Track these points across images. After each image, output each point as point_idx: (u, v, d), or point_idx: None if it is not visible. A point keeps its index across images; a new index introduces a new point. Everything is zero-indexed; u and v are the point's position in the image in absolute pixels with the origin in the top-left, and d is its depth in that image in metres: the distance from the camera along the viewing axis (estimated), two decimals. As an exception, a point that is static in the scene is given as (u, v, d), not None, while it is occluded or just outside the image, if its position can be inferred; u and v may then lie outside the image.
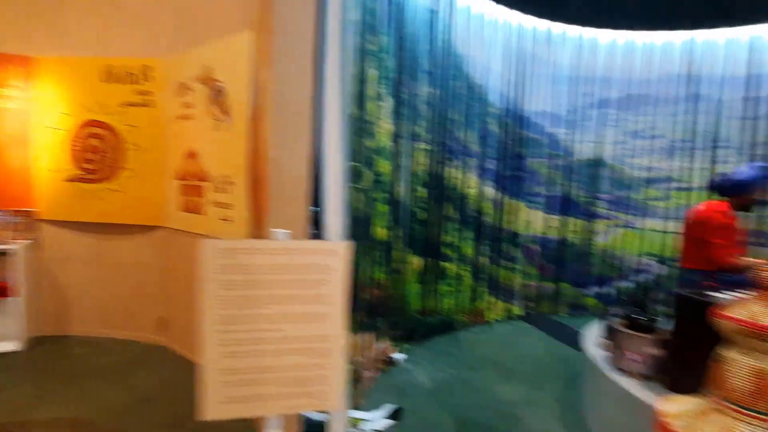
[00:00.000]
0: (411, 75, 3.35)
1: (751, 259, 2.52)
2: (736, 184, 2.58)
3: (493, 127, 4.26)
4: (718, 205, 2.64)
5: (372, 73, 2.77)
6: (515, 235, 4.47)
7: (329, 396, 1.31)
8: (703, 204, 2.72)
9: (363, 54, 2.72)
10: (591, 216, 4.68)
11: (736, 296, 1.60)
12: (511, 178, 4.42)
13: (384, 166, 3.01)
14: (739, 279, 2.32)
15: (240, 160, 2.38)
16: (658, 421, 1.38)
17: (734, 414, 1.26)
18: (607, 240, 4.69)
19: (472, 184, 4.08)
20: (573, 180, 4.66)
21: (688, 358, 1.90)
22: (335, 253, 1.32)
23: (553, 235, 4.66)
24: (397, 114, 3.18)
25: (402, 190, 3.42)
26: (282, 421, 1.32)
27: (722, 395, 1.29)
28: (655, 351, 2.15)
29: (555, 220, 4.65)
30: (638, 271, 4.59)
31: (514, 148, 4.43)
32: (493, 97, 4.26)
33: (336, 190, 1.58)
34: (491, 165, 4.25)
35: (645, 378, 2.16)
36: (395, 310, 3.45)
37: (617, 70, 4.60)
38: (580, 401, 2.69)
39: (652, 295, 2.57)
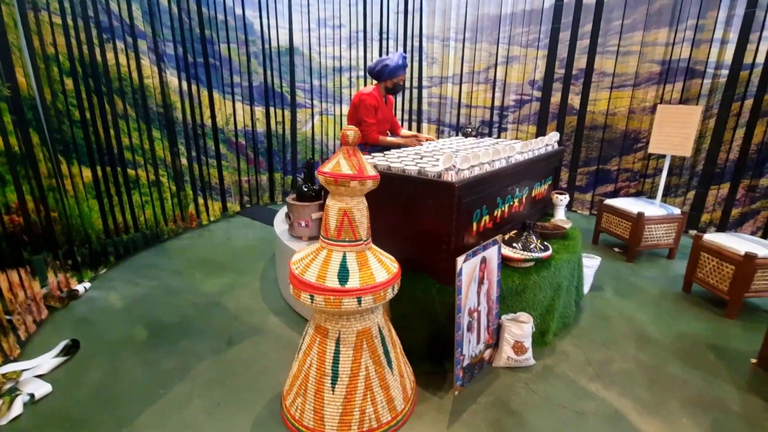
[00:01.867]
0: None
1: (387, 138, 3.14)
2: (381, 70, 3.02)
3: (164, 1, 3.56)
4: (369, 88, 3.08)
5: None
6: (217, 130, 4.21)
7: None
8: (358, 91, 3.12)
9: None
10: (292, 105, 4.84)
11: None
12: (200, 65, 3.97)
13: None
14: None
15: None
16: (290, 268, 1.59)
17: (330, 246, 1.55)
18: (309, 128, 5.04)
19: (148, 72, 3.44)
20: (271, 68, 4.60)
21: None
22: None
23: (258, 127, 4.64)
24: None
25: (30, 81, 2.54)
26: None
27: (324, 234, 1.57)
28: (318, 215, 2.49)
29: (258, 111, 4.60)
30: (338, 153, 5.25)
31: (198, 30, 3.91)
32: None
33: None
34: (170, 49, 3.65)
35: (312, 239, 2.51)
36: (67, 235, 2.80)
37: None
38: (276, 274, 2.99)
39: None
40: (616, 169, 4.55)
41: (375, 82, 3.11)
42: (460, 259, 1.73)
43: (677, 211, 3.41)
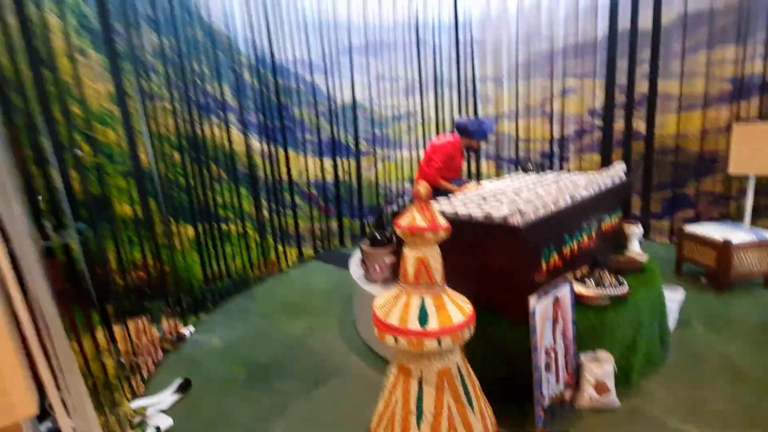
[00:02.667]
0: (125, 23, 2.89)
1: (446, 184, 3.35)
2: (476, 131, 3.33)
3: (248, 77, 4.15)
4: (453, 137, 3.39)
5: (54, 21, 2.26)
6: (292, 183, 4.66)
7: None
8: (443, 135, 3.44)
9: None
10: (357, 154, 5.23)
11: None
12: (278, 129, 4.49)
13: (108, 134, 2.62)
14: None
15: None
16: (373, 312, 1.77)
17: (409, 291, 1.72)
18: (373, 173, 5.38)
19: (236, 139, 3.98)
20: (336, 124, 5.05)
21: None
22: None
23: (327, 177, 5.05)
24: (114, 71, 2.74)
25: (147, 158, 3.08)
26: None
27: (403, 281, 1.74)
28: (390, 259, 2.68)
29: (327, 163, 5.02)
30: (400, 195, 5.51)
31: (275, 98, 4.45)
32: (243, 46, 4.10)
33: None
34: (253, 117, 4.20)
35: (386, 282, 2.69)
36: (176, 285, 3.25)
37: (355, 18, 5.00)
38: (353, 316, 3.19)
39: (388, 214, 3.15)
40: (694, 192, 4.30)
41: (458, 134, 3.39)
42: (532, 299, 1.81)
43: (770, 235, 3.15)
